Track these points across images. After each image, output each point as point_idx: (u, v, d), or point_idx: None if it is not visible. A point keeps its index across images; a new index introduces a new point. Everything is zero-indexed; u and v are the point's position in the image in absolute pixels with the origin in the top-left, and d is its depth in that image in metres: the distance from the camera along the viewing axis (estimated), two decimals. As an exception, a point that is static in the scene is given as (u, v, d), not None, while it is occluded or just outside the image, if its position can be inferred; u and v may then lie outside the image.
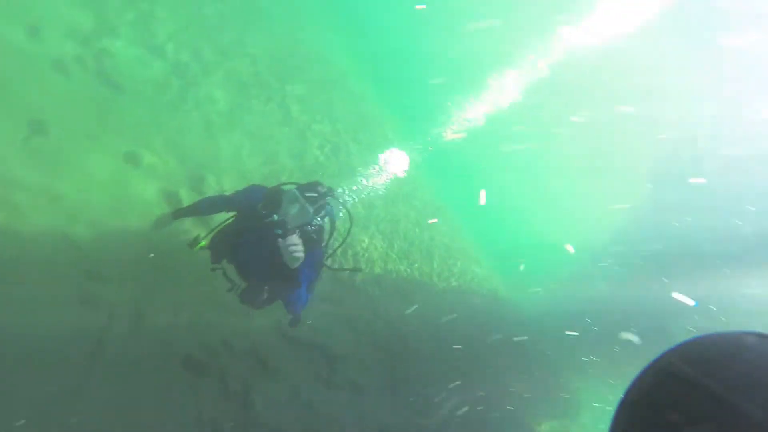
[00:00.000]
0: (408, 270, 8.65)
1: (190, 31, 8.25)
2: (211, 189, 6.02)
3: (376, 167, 6.40)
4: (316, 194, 3.34)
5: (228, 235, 3.64)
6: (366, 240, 8.12)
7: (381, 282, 7.51)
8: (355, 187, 6.22)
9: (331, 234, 3.64)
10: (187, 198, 5.36)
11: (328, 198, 3.47)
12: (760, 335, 0.64)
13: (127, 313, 4.03)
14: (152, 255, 4.29)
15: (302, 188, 3.37)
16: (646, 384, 0.66)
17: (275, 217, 3.19)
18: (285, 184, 3.59)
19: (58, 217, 4.08)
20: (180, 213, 3.91)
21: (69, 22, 5.86)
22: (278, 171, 7.68)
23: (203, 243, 3.77)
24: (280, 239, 3.10)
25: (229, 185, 6.22)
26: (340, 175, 9.01)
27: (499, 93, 10.95)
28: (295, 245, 3.04)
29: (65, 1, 6.02)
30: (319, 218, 3.40)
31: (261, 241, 3.33)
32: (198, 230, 4.43)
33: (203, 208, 3.89)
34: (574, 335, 11.18)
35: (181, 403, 4.04)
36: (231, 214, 3.81)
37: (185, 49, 7.70)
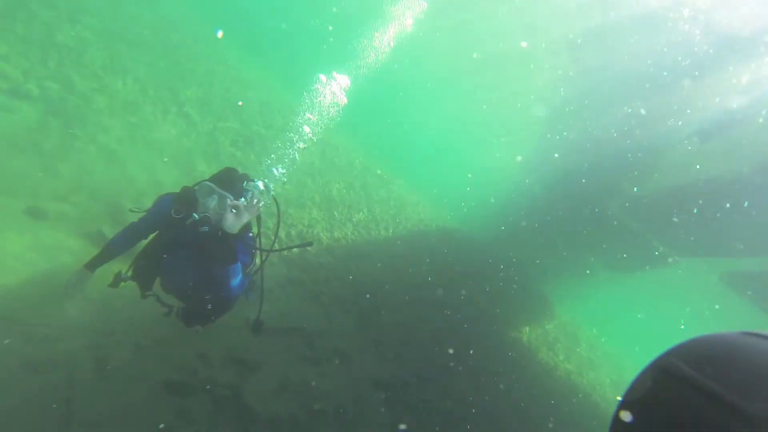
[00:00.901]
0: (355, 231, 8.77)
1: (49, 63, 7.59)
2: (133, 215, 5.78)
3: (320, 85, 6.21)
4: (231, 180, 3.16)
5: (149, 256, 3.34)
6: (306, 217, 8.11)
7: (332, 251, 7.59)
8: (308, 131, 6.06)
9: (258, 219, 3.48)
10: (112, 232, 5.11)
11: (247, 183, 3.28)
12: (760, 335, 0.64)
13: (86, 363, 3.88)
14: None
15: (215, 179, 3.18)
16: (646, 384, 0.66)
17: (195, 216, 2.99)
18: (197, 183, 3.43)
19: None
20: (95, 263, 3.47)
21: None
22: (198, 179, 7.41)
23: (129, 273, 3.46)
24: (229, 199, 2.92)
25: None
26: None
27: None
28: (241, 212, 2.89)
29: None
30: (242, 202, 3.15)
31: (187, 246, 3.11)
32: (118, 266, 4.17)
33: (118, 246, 3.49)
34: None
35: (177, 430, 4.01)
36: (151, 236, 3.50)
37: (51, 83, 7.09)
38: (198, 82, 10.90)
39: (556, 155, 12.32)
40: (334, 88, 6.35)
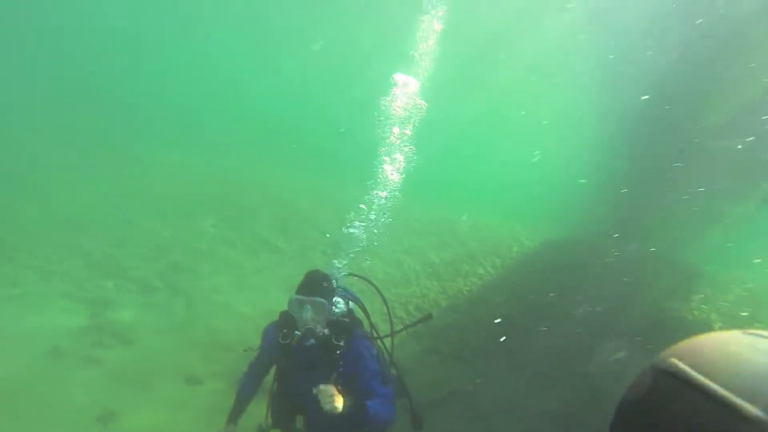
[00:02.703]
0: (466, 282, 8.68)
1: (159, 257, 8.88)
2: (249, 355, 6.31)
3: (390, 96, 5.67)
4: (314, 284, 3.04)
5: (277, 395, 3.20)
6: (417, 290, 8.28)
7: (454, 308, 7.60)
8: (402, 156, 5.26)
9: (364, 310, 3.33)
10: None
11: (332, 283, 3.14)
12: (761, 335, 0.64)
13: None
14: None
15: (300, 289, 3.05)
16: (645, 384, 0.66)
17: (297, 333, 2.90)
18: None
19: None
20: (234, 415, 3.38)
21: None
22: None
23: (269, 421, 3.32)
24: (316, 387, 2.68)
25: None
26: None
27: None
28: (330, 394, 2.65)
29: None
30: (339, 302, 3.08)
31: (305, 368, 3.00)
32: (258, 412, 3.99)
33: (245, 391, 3.39)
34: None
35: None
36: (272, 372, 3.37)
37: (166, 270, 8.28)
38: (265, 213, 12.05)
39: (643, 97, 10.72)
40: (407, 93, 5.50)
